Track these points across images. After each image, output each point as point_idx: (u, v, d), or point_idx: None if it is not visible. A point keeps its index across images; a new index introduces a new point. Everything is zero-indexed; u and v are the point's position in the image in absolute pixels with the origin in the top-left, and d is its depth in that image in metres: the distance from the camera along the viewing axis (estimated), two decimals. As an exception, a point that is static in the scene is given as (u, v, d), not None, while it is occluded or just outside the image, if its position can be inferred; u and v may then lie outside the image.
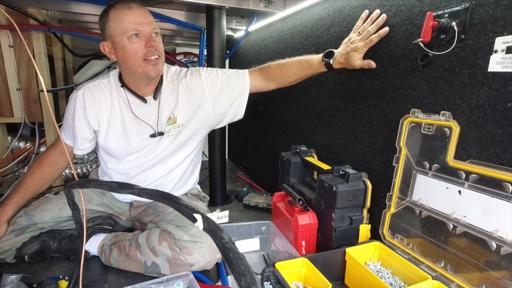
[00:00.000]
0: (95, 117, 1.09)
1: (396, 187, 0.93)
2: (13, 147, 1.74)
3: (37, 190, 1.15)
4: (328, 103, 1.27)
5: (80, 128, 1.11)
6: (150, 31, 0.99)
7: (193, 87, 1.15)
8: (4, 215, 1.05)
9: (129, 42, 0.97)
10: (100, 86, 1.10)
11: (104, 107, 1.09)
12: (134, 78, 1.06)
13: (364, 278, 0.86)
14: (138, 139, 1.13)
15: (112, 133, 1.12)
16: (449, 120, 0.78)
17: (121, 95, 1.10)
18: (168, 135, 1.15)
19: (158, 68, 1.01)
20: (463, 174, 0.75)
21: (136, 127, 1.12)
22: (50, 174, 1.16)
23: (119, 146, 1.13)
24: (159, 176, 1.21)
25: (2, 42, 1.55)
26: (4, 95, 1.62)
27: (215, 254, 0.98)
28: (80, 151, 1.16)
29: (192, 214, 0.35)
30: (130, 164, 1.17)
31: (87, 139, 1.14)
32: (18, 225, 1.06)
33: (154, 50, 0.99)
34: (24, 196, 1.10)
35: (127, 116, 1.11)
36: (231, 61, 2.31)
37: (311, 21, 1.35)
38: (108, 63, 2.12)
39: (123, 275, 1.03)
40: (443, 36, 0.80)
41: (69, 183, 0.58)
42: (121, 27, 0.96)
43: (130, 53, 0.98)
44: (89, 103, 1.08)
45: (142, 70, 1.00)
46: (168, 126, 1.14)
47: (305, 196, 1.15)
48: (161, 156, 1.17)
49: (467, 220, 0.74)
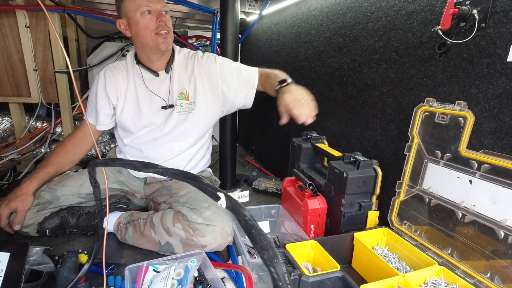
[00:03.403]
0: (114, 93, 1.19)
1: (407, 175, 0.94)
2: (30, 126, 1.79)
3: (60, 168, 1.21)
4: (340, 90, 1.27)
5: (101, 103, 1.21)
6: (161, 8, 1.09)
7: (206, 69, 1.21)
8: (31, 187, 1.11)
9: (142, 18, 1.07)
10: (119, 66, 1.22)
11: (122, 83, 1.19)
12: (147, 52, 1.15)
13: (371, 262, 0.89)
14: (150, 111, 1.20)
15: (127, 106, 1.21)
16: (464, 110, 0.78)
17: (136, 72, 1.20)
18: (180, 110, 1.20)
19: (167, 42, 1.11)
20: (475, 163, 0.75)
21: (148, 100, 1.20)
22: (72, 154, 1.23)
23: (133, 119, 1.21)
24: (171, 155, 1.25)
25: (19, 22, 1.56)
26: (22, 75, 1.65)
27: (227, 237, 1.01)
28: (102, 126, 1.25)
29: (216, 193, 0.37)
30: (143, 138, 1.23)
31: (108, 114, 1.23)
32: (42, 198, 1.12)
33: (164, 25, 1.09)
34: (49, 172, 1.17)
35: (141, 90, 1.20)
36: (243, 46, 2.29)
37: (326, 6, 1.33)
38: (121, 45, 2.13)
39: (137, 252, 1.08)
40: (463, 24, 0.78)
41: (94, 161, 0.60)
42: (135, 4, 1.06)
43: (143, 27, 1.08)
44: (109, 80, 1.19)
45: (153, 43, 1.10)
46: (179, 100, 1.20)
47: (315, 182, 1.17)
48: (175, 133, 1.23)
49: (476, 209, 0.75)
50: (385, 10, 1.03)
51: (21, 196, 1.08)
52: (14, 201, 1.06)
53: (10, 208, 1.05)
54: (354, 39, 1.17)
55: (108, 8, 2.01)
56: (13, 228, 1.07)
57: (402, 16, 0.96)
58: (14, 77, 1.65)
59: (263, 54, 1.96)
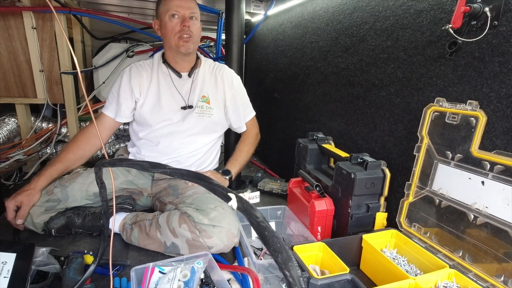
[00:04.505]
0: (138, 87, 1.26)
1: (416, 176, 0.92)
2: (36, 127, 1.80)
3: (69, 165, 1.21)
4: (347, 91, 1.26)
5: (124, 95, 1.26)
6: (188, 14, 1.18)
7: (227, 85, 1.34)
8: (39, 184, 1.12)
9: (169, 21, 1.17)
10: (144, 64, 1.31)
11: (145, 79, 1.27)
12: (172, 53, 1.25)
13: (380, 264, 0.88)
14: (169, 108, 1.27)
15: (148, 100, 1.27)
16: (475, 110, 0.77)
17: (161, 70, 1.28)
18: (200, 111, 1.29)
19: (188, 45, 1.19)
20: (487, 164, 0.74)
21: (169, 97, 1.27)
22: (83, 149, 1.23)
23: (152, 113, 1.27)
24: (185, 151, 1.30)
25: (25, 23, 1.57)
26: (28, 76, 1.66)
27: (233, 239, 1.01)
28: (121, 118, 1.29)
29: (226, 194, 0.36)
30: (160, 132, 1.28)
31: (129, 107, 1.28)
32: (53, 195, 1.13)
33: (187, 29, 1.17)
34: (58, 169, 1.17)
35: (163, 87, 1.27)
36: (248, 46, 2.28)
37: (332, 6, 1.32)
38: (126, 46, 2.14)
39: (143, 253, 1.07)
40: (474, 22, 0.77)
41: (100, 162, 0.60)
42: (166, 7, 1.17)
43: (169, 29, 1.18)
44: (134, 75, 1.26)
45: (175, 44, 1.19)
46: (200, 102, 1.29)
47: (322, 183, 1.16)
48: (191, 131, 1.29)
49: (489, 211, 0.74)
50: (393, 9, 1.02)
51: (28, 191, 1.09)
52: (21, 195, 1.07)
53: (16, 201, 1.06)
54: (361, 39, 1.16)
55: (113, 9, 2.02)
56: (16, 222, 1.07)
57: (411, 14, 0.95)
58: (21, 78, 1.66)
59: (268, 54, 1.95)
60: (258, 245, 1.11)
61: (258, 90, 2.14)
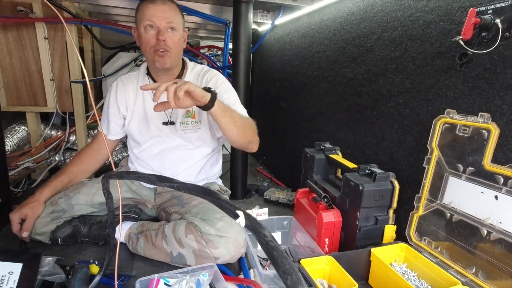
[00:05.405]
0: (124, 103, 1.21)
1: (426, 189, 0.91)
2: (46, 135, 1.82)
3: (74, 177, 1.22)
4: (355, 101, 1.25)
5: (112, 113, 1.22)
6: (165, 25, 1.05)
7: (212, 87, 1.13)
8: (43, 195, 1.13)
9: (144, 32, 1.06)
10: (130, 77, 1.23)
11: (132, 94, 1.21)
12: (151, 66, 1.17)
13: (389, 279, 0.85)
14: (154, 125, 1.20)
15: (135, 117, 1.21)
16: (487, 122, 0.75)
17: (145, 82, 1.18)
18: (185, 127, 1.19)
19: (163, 60, 1.07)
20: (501, 178, 0.72)
21: (154, 113, 1.17)
22: (86, 164, 1.24)
23: (140, 129, 1.21)
24: (179, 170, 1.24)
25: (38, 34, 1.61)
26: (39, 85, 1.69)
27: (240, 249, 0.99)
28: (112, 135, 1.26)
29: (234, 211, 0.36)
30: (150, 151, 1.23)
31: (118, 124, 1.24)
32: (58, 206, 1.13)
33: (162, 43, 1.05)
34: (62, 181, 1.18)
35: (148, 101, 1.19)
36: (255, 55, 2.30)
37: (340, 16, 1.32)
38: (135, 55, 2.17)
39: (149, 263, 1.06)
40: (485, 34, 0.76)
41: (108, 173, 0.60)
42: (142, 17, 1.05)
43: (144, 41, 1.07)
44: (120, 91, 1.20)
45: (151, 58, 1.09)
46: (185, 118, 1.19)
47: (329, 194, 1.14)
48: (183, 147, 1.22)
49: (503, 226, 0.72)
50: (402, 20, 1.01)
51: (32, 203, 1.09)
52: (25, 208, 1.07)
53: (20, 214, 1.06)
54: (369, 49, 1.16)
55: (123, 19, 2.06)
56: (21, 234, 1.07)
57: (420, 25, 0.95)
58: (32, 87, 1.70)
59: (275, 63, 1.96)
60: (263, 255, 1.10)
61: (265, 99, 2.15)
